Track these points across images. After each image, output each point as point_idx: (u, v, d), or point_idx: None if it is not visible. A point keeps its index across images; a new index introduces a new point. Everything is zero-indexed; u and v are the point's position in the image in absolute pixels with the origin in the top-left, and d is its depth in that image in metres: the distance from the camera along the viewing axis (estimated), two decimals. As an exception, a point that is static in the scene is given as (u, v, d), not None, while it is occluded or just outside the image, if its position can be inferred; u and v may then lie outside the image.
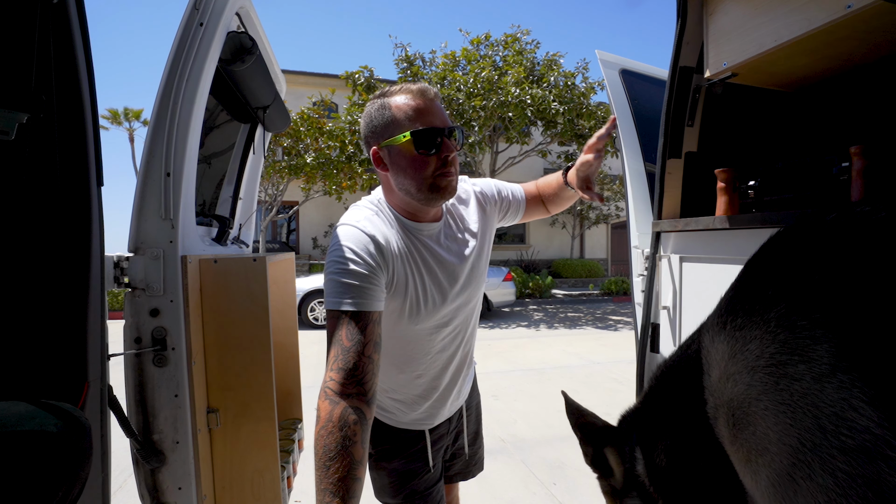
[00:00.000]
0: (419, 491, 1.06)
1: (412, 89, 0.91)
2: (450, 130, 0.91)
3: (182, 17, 1.06)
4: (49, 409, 0.65)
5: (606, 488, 0.63)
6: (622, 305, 10.80)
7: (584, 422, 0.67)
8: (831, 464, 0.32)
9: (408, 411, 1.08)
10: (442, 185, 0.91)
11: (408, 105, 0.89)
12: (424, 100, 0.90)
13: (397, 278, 0.92)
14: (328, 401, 0.76)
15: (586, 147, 1.08)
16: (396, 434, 1.08)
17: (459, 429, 1.23)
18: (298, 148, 9.31)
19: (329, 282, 0.85)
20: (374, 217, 0.94)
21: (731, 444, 0.42)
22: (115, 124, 17.01)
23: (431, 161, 0.89)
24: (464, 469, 1.29)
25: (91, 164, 0.82)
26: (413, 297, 0.95)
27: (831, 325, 0.35)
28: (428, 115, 0.89)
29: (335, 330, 0.81)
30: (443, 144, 0.89)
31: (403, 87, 0.92)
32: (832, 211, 0.41)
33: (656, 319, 1.59)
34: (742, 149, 1.61)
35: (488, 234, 1.14)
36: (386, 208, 0.97)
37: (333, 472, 0.71)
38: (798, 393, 0.35)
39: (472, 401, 1.29)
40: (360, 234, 0.88)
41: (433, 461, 1.10)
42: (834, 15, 1.01)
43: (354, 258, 0.85)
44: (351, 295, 0.82)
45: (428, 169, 0.89)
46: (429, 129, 0.88)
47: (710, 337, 0.46)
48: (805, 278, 0.38)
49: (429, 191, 0.91)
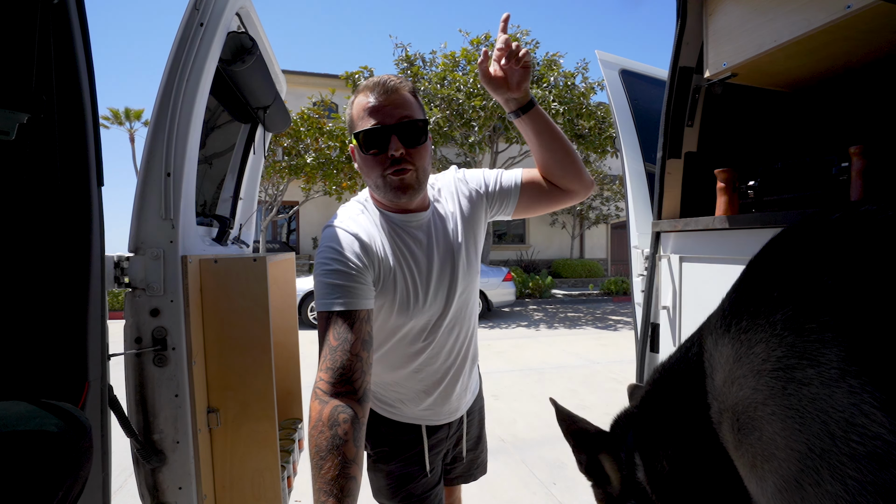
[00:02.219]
0: (416, 494, 1.06)
1: (370, 84, 0.90)
2: (401, 126, 0.88)
3: (182, 18, 1.05)
4: (49, 409, 0.65)
5: (601, 496, 0.61)
6: (622, 305, 10.80)
7: (575, 428, 0.65)
8: (841, 471, 0.31)
9: (411, 405, 1.07)
10: (393, 183, 0.90)
11: (360, 104, 0.90)
12: (377, 96, 0.88)
13: (384, 274, 0.93)
14: (318, 401, 0.77)
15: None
16: (395, 435, 1.08)
17: (460, 434, 1.22)
18: (298, 148, 9.30)
19: (317, 283, 0.86)
20: (360, 216, 0.95)
21: (736, 450, 0.41)
22: (116, 124, 17.01)
23: (380, 160, 0.89)
24: (465, 472, 1.29)
25: (91, 165, 0.82)
26: (403, 292, 0.95)
27: (840, 327, 0.34)
28: (376, 113, 0.88)
29: (325, 330, 0.82)
30: (389, 142, 0.88)
31: (366, 83, 0.91)
32: (836, 210, 0.41)
33: (656, 319, 1.59)
34: (742, 149, 1.61)
35: (478, 225, 1.10)
36: (371, 205, 0.99)
37: (326, 471, 0.71)
38: (806, 398, 0.34)
39: (475, 405, 1.28)
40: (344, 233, 0.89)
41: (431, 465, 1.09)
42: (834, 15, 1.01)
43: (339, 258, 0.86)
44: (337, 295, 0.83)
45: (377, 168, 0.90)
46: (371, 129, 0.88)
47: (713, 339, 0.45)
48: (811, 279, 0.38)
49: (384, 189, 0.91)
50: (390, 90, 0.89)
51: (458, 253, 1.03)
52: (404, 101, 0.90)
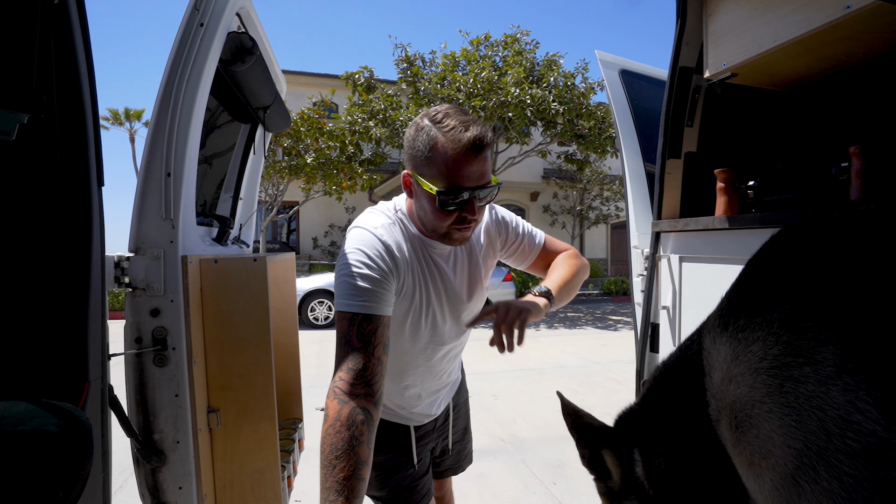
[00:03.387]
0: (404, 485, 1.08)
1: (463, 138, 0.82)
2: (480, 189, 0.86)
3: (182, 18, 1.05)
4: (50, 409, 0.65)
5: (603, 490, 0.63)
6: (622, 305, 10.80)
7: (580, 423, 0.66)
8: (837, 468, 0.32)
9: (395, 410, 1.11)
10: (454, 237, 0.92)
11: (449, 154, 0.83)
12: (468, 154, 0.82)
13: (406, 287, 0.94)
14: (337, 400, 0.77)
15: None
16: (382, 428, 1.09)
17: (447, 426, 1.26)
18: (298, 148, 9.30)
19: (342, 283, 0.86)
20: (392, 227, 0.96)
21: (733, 447, 0.41)
22: (116, 124, 17.00)
23: (451, 216, 0.88)
24: (454, 464, 1.32)
25: (92, 165, 0.82)
26: (417, 308, 0.97)
27: (836, 326, 0.34)
28: (463, 175, 0.83)
29: (346, 331, 0.83)
30: (468, 205, 0.87)
31: (455, 129, 0.83)
32: (834, 210, 0.41)
33: (656, 319, 1.59)
34: (741, 149, 1.61)
35: (492, 262, 1.13)
36: (404, 219, 0.98)
37: (339, 471, 0.72)
38: (803, 395, 0.34)
39: (461, 398, 1.31)
40: (376, 239, 0.90)
41: (418, 457, 1.12)
42: (833, 15, 1.01)
43: (369, 262, 0.86)
44: (363, 298, 0.84)
45: (445, 221, 0.89)
46: (457, 189, 0.84)
47: (711, 338, 0.46)
48: (809, 278, 0.38)
49: (440, 237, 0.93)
50: (484, 147, 0.84)
51: (473, 285, 1.06)
52: (487, 161, 0.87)
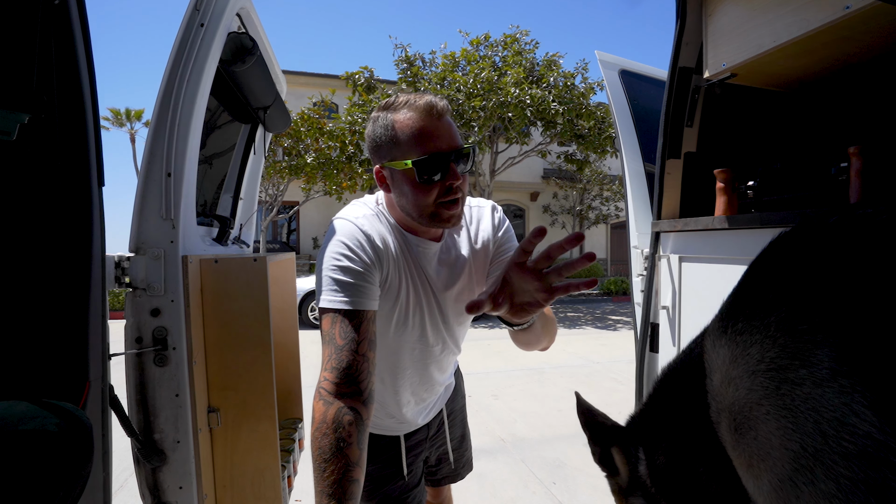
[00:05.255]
0: (394, 496, 1.05)
1: (418, 105, 0.81)
2: (458, 153, 0.82)
3: (183, 18, 1.06)
4: (50, 409, 0.65)
5: (614, 487, 0.64)
6: (622, 305, 10.80)
7: (593, 421, 0.67)
8: (833, 469, 0.32)
9: (381, 419, 1.06)
10: (444, 215, 0.85)
11: (411, 125, 0.81)
12: (430, 119, 0.81)
13: (390, 280, 0.89)
14: (322, 401, 0.74)
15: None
16: (373, 437, 1.06)
17: (442, 434, 1.21)
18: (299, 148, 9.31)
19: (323, 279, 0.82)
20: (373, 217, 0.91)
21: (733, 449, 0.42)
22: (117, 125, 17.00)
23: (435, 188, 0.82)
24: (452, 472, 1.28)
25: (92, 165, 0.82)
26: (403, 304, 0.92)
27: (832, 328, 0.34)
28: (433, 139, 0.81)
29: (329, 328, 0.79)
30: (448, 171, 0.82)
31: (409, 102, 0.82)
32: (833, 213, 0.41)
33: (656, 319, 1.59)
34: (741, 149, 1.61)
35: (480, 263, 1.03)
36: (386, 215, 0.94)
37: (329, 474, 0.70)
38: (799, 398, 0.34)
39: (456, 405, 1.26)
40: (357, 230, 0.85)
41: (409, 467, 1.08)
42: (833, 16, 1.01)
43: (350, 255, 0.82)
44: (346, 292, 0.79)
45: (430, 196, 0.83)
46: (432, 155, 0.80)
47: (711, 341, 0.46)
48: (806, 282, 0.38)
49: (429, 219, 0.86)
50: (442, 112, 0.82)
51: (453, 294, 0.99)
52: (452, 126, 0.84)
